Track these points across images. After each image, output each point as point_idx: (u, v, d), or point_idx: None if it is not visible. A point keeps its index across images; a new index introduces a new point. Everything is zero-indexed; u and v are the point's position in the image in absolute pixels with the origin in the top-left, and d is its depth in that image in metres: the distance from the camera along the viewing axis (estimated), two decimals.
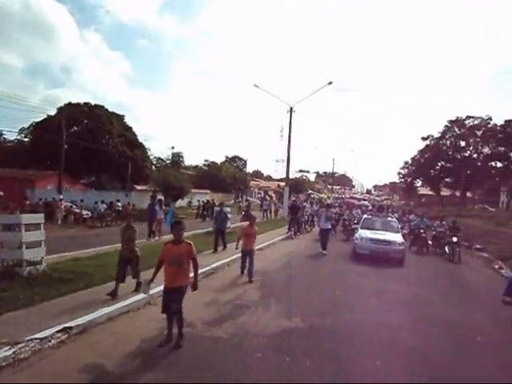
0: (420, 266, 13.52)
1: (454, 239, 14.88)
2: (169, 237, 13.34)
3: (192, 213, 31.14)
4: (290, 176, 43.51)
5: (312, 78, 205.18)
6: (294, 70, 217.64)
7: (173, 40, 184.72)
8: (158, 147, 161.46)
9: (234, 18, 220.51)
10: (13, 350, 4.51)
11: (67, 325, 5.34)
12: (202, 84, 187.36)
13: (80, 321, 5.57)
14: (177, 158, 60.46)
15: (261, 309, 7.34)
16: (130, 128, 47.87)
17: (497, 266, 14.11)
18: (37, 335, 4.89)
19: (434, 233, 17.51)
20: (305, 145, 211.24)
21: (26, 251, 7.60)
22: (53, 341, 5.01)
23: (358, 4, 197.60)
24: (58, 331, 5.13)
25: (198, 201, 32.04)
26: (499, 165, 52.18)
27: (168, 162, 58.55)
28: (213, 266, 10.32)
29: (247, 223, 10.34)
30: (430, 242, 17.14)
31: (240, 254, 9.96)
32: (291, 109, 25.31)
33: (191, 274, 5.41)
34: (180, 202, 34.57)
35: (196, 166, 67.72)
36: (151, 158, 52.65)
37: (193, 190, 36.31)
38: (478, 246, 18.28)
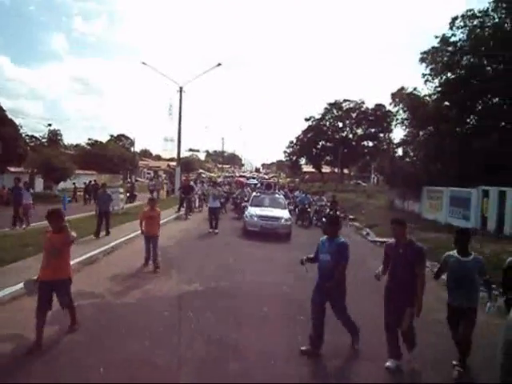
0: (303, 236, 14.50)
1: (331, 213, 16.40)
2: (37, 224, 12.62)
3: (81, 196, 28.90)
4: (181, 155, 42.75)
5: (203, 55, 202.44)
6: (183, 50, 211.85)
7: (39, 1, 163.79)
8: (29, 124, 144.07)
9: None
10: None
11: None
12: (79, 55, 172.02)
13: None
14: (54, 137, 55.01)
15: (163, 278, 7.97)
16: None
17: (365, 233, 16.60)
18: None
19: (315, 207, 19.05)
20: (195, 124, 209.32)
21: None
22: None
23: None
24: None
25: (85, 183, 29.67)
26: (370, 144, 58.00)
27: (44, 140, 52.98)
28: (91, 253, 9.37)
29: (148, 206, 9.26)
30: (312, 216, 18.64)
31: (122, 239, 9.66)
32: (181, 88, 24.68)
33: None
34: (64, 185, 31.73)
35: (77, 145, 62.66)
36: (23, 136, 47.08)
37: (77, 171, 33.56)
38: (350, 217, 20.51)
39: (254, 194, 18.17)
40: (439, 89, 20.49)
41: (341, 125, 59.76)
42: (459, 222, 16.51)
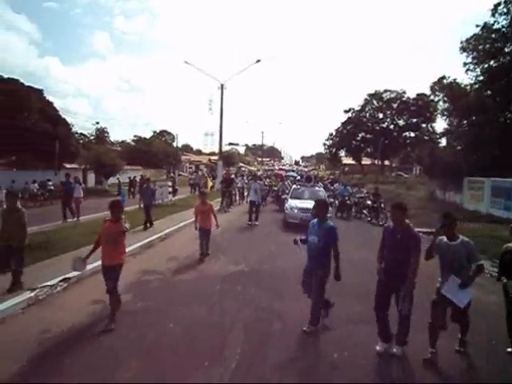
0: (341, 227, 14.77)
1: (375, 205, 16.74)
2: (89, 217, 13.80)
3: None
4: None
5: (241, 51, 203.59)
6: (221, 46, 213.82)
7: (85, 4, 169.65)
8: (78, 123, 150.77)
9: None
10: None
11: None
12: (123, 56, 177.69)
13: None
14: (101, 134, 57.82)
15: (213, 260, 9.06)
16: (51, 103, 44.87)
17: None
18: None
19: (354, 199, 19.32)
20: (234, 118, 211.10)
21: None
22: None
23: None
24: None
25: (129, 177, 31.33)
26: (412, 134, 56.82)
27: (92, 137, 55.79)
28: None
29: (199, 200, 9.59)
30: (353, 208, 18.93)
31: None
32: (222, 86, 25.60)
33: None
34: (113, 180, 33.69)
35: (123, 142, 65.41)
36: (74, 134, 49.90)
37: (125, 167, 35.50)
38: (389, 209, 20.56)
39: (294, 186, 18.33)
40: (481, 78, 20.21)
41: (381, 116, 58.96)
42: (501, 213, 16.50)
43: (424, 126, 55.05)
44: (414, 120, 55.64)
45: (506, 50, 19.53)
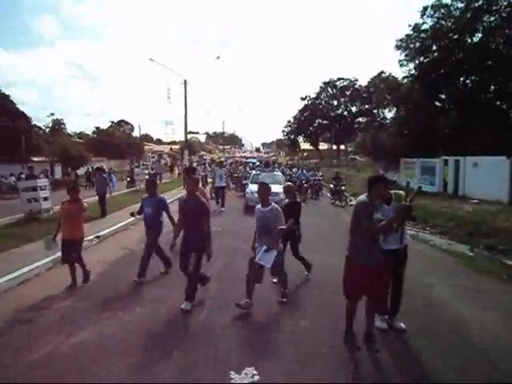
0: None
1: (337, 188, 18.69)
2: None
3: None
4: (181, 138, 45.60)
5: (200, 38, 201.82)
6: (178, 32, 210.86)
7: None
8: (27, 112, 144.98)
9: None
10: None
11: None
12: (73, 42, 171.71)
13: None
14: (58, 126, 57.32)
15: None
16: (7, 96, 44.67)
17: (348, 200, 18.64)
18: None
19: (310, 182, 21.03)
20: (194, 107, 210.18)
21: (43, 203, 12.48)
22: None
23: None
24: None
25: (87, 169, 31.40)
26: (365, 120, 60.45)
27: (47, 129, 55.10)
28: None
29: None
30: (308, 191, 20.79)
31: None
32: (185, 81, 27.22)
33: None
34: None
35: (81, 133, 65.10)
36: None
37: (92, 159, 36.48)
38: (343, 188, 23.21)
39: (254, 172, 19.26)
40: (413, 72, 23.32)
41: (336, 103, 62.12)
42: (427, 188, 19.63)
43: (375, 111, 58.77)
44: (367, 106, 59.20)
45: (434, 47, 22.65)
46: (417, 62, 23.07)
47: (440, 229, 11.14)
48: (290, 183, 8.56)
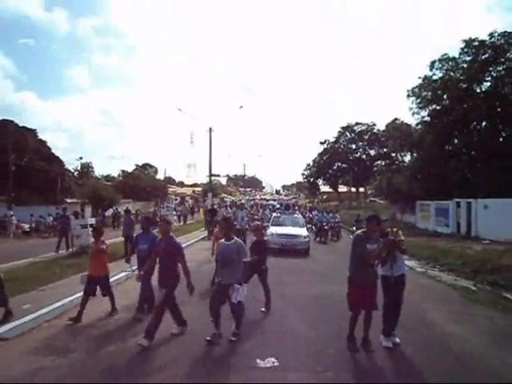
0: (320, 251, 16.45)
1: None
2: None
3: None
4: (202, 181, 47.47)
5: (220, 83, 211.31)
6: (200, 77, 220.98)
7: (63, 39, 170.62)
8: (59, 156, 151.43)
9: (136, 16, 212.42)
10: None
11: None
12: (103, 90, 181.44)
13: None
14: (86, 169, 60.07)
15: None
16: (45, 142, 47.78)
17: None
18: None
19: (331, 224, 21.08)
20: (215, 150, 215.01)
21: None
22: None
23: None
24: None
25: (113, 210, 32.89)
26: (383, 163, 61.46)
27: (76, 172, 57.66)
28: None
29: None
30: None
31: None
32: (210, 129, 29.12)
33: None
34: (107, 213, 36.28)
35: (108, 176, 67.66)
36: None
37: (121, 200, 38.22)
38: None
39: (275, 214, 19.36)
40: (425, 119, 24.59)
41: (354, 146, 63.57)
42: (442, 229, 20.30)
43: (393, 155, 59.76)
44: (385, 150, 60.30)
45: (445, 96, 23.99)
46: (429, 108, 24.36)
47: (448, 266, 11.89)
48: (257, 223, 9.52)
